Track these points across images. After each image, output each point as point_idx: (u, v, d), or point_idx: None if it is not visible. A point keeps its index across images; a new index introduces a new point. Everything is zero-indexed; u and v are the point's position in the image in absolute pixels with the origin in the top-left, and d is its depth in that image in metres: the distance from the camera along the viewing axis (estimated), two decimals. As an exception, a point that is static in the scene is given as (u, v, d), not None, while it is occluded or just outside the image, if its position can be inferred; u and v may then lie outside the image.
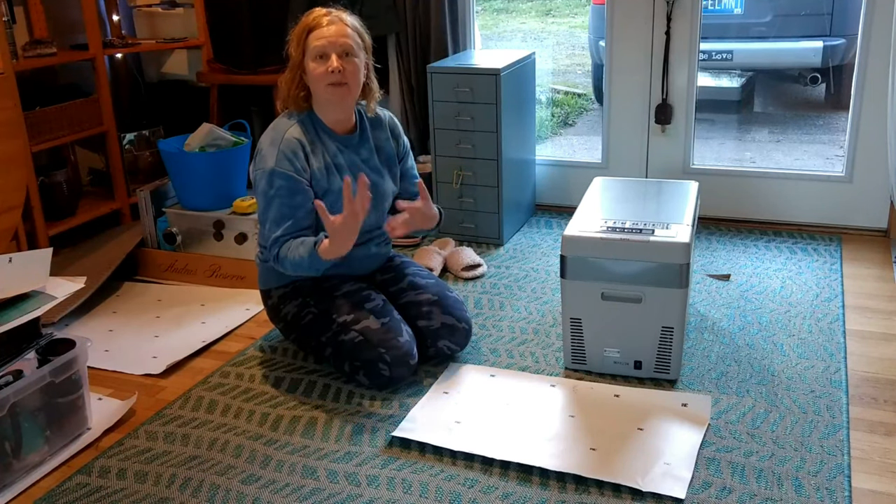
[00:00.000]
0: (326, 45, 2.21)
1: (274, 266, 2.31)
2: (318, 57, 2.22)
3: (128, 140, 3.59)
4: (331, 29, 2.22)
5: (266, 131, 2.34)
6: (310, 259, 2.18)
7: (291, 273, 2.27)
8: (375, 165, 2.41)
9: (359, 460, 2.02)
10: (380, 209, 2.42)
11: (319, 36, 2.22)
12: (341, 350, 2.29)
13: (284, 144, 2.25)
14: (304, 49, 2.24)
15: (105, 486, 1.96)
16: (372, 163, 2.40)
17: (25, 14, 3.34)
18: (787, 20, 4.61)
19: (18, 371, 2.02)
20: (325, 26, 2.22)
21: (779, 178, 3.39)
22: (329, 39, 2.21)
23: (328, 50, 2.21)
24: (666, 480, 1.87)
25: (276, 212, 2.25)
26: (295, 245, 2.22)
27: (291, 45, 2.27)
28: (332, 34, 2.22)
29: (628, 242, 2.22)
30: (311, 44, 2.22)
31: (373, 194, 2.37)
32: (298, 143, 2.26)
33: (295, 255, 2.21)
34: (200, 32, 3.75)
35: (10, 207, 2.84)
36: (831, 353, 2.43)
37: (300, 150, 2.26)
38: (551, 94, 5.85)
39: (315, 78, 2.23)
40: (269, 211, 2.26)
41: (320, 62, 2.22)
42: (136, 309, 2.93)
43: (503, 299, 2.86)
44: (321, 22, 2.23)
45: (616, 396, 2.23)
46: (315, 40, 2.22)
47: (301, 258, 2.20)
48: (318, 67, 2.22)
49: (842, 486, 1.86)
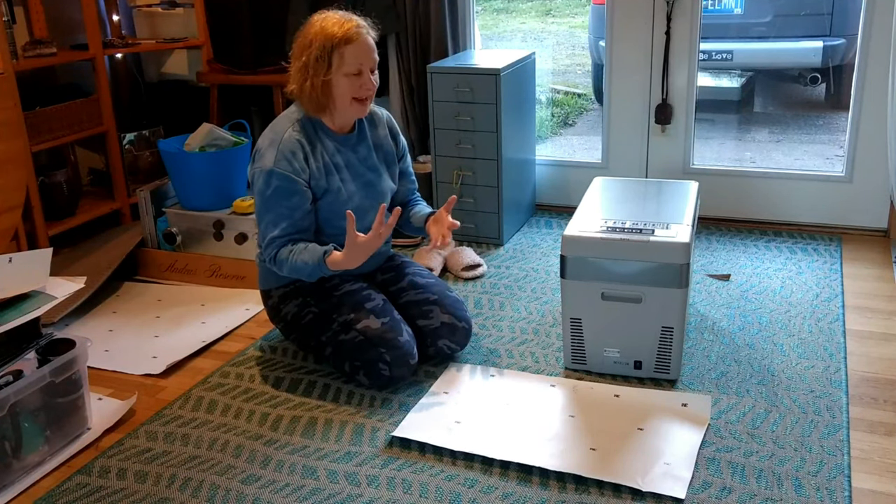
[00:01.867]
0: (363, 62, 2.22)
1: (269, 267, 2.31)
2: (352, 73, 2.21)
3: (128, 140, 3.59)
4: (363, 46, 2.21)
5: (265, 131, 2.34)
6: (315, 267, 2.19)
7: (287, 275, 2.28)
8: (374, 164, 2.41)
9: (359, 460, 2.02)
10: (377, 201, 2.42)
11: (356, 53, 2.20)
12: (342, 350, 2.29)
13: (284, 144, 2.24)
14: (332, 60, 2.20)
15: (105, 486, 1.96)
16: (370, 161, 2.41)
17: (25, 14, 3.34)
18: (787, 20, 4.61)
19: (18, 371, 2.02)
20: (357, 41, 2.19)
21: (779, 178, 3.39)
22: (365, 55, 2.21)
23: (363, 67, 2.22)
24: (666, 480, 1.87)
25: (273, 212, 2.25)
26: (298, 250, 2.22)
27: (312, 52, 2.20)
28: (366, 51, 2.21)
29: (628, 242, 2.22)
30: (347, 59, 2.19)
31: (371, 193, 2.39)
32: (298, 144, 2.26)
33: (297, 260, 2.21)
34: (200, 32, 3.75)
35: (10, 207, 2.84)
36: (831, 353, 2.43)
37: (300, 150, 2.25)
38: (551, 94, 5.85)
39: (344, 91, 2.23)
40: (266, 211, 2.26)
41: (353, 78, 2.21)
42: (136, 309, 2.93)
43: (503, 299, 2.86)
44: (352, 37, 2.19)
45: (616, 396, 2.23)
46: (351, 56, 2.19)
47: (304, 264, 2.20)
48: (352, 83, 2.22)
49: (842, 486, 1.86)
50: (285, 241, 2.25)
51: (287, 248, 2.24)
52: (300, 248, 2.22)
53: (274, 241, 2.25)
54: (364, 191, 2.37)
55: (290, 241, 2.25)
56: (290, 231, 2.25)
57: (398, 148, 2.51)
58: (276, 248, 2.25)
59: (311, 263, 2.19)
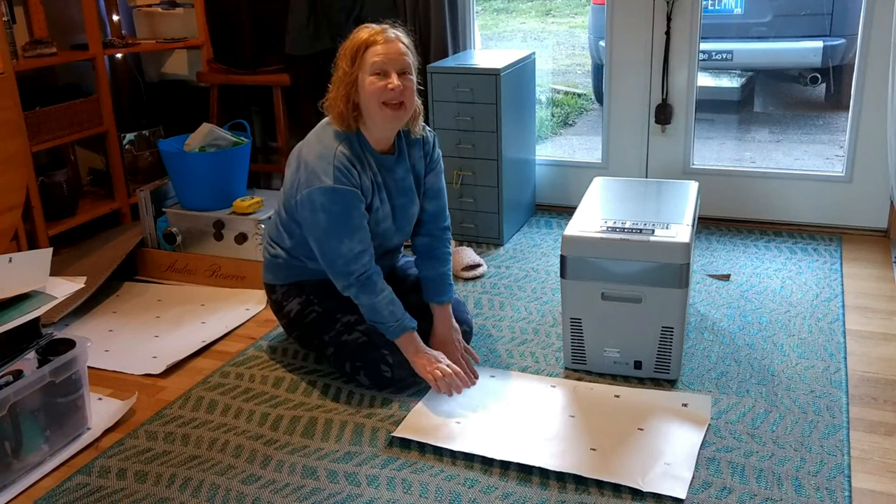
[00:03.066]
0: (386, 62, 2.14)
1: (351, 286, 2.21)
2: (375, 72, 2.14)
3: (128, 140, 3.59)
4: (389, 46, 2.15)
5: (308, 144, 2.25)
6: (386, 328, 2.21)
7: (358, 302, 2.22)
8: (408, 186, 2.34)
9: (359, 460, 2.02)
10: (404, 231, 2.41)
11: (378, 52, 2.14)
12: (344, 350, 2.29)
13: (338, 160, 2.16)
14: (358, 64, 2.16)
15: (105, 486, 1.96)
16: (406, 183, 2.33)
17: (25, 14, 3.34)
18: (787, 20, 4.60)
19: (18, 371, 2.02)
20: (383, 43, 2.15)
21: (779, 178, 3.39)
22: (389, 56, 2.14)
23: (387, 67, 2.14)
24: (666, 480, 1.87)
25: (347, 227, 2.16)
26: (388, 295, 2.20)
27: (342, 60, 2.19)
28: (392, 51, 2.15)
29: (628, 242, 2.22)
30: (369, 59, 2.14)
31: (400, 216, 2.34)
32: (349, 161, 2.17)
33: (383, 304, 2.19)
34: (200, 32, 3.75)
35: (10, 207, 2.84)
36: (831, 353, 2.43)
37: (353, 166, 2.18)
38: (551, 94, 5.85)
39: (370, 94, 2.14)
40: (339, 227, 2.16)
41: (378, 78, 2.14)
42: (136, 309, 2.93)
43: (503, 299, 2.86)
44: (378, 39, 2.15)
45: (616, 397, 2.23)
46: (373, 56, 2.14)
47: (391, 314, 2.19)
48: (377, 82, 2.14)
49: (842, 486, 1.86)
50: (371, 259, 2.19)
51: (378, 276, 2.20)
52: (389, 295, 2.20)
53: (362, 255, 2.18)
54: (394, 213, 2.32)
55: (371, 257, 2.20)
56: (369, 243, 2.20)
57: (427, 162, 2.40)
58: (367, 266, 2.19)
59: (388, 323, 2.20)
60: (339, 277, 2.21)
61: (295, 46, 3.52)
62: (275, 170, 3.94)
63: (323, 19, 3.50)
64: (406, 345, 2.23)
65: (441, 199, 2.45)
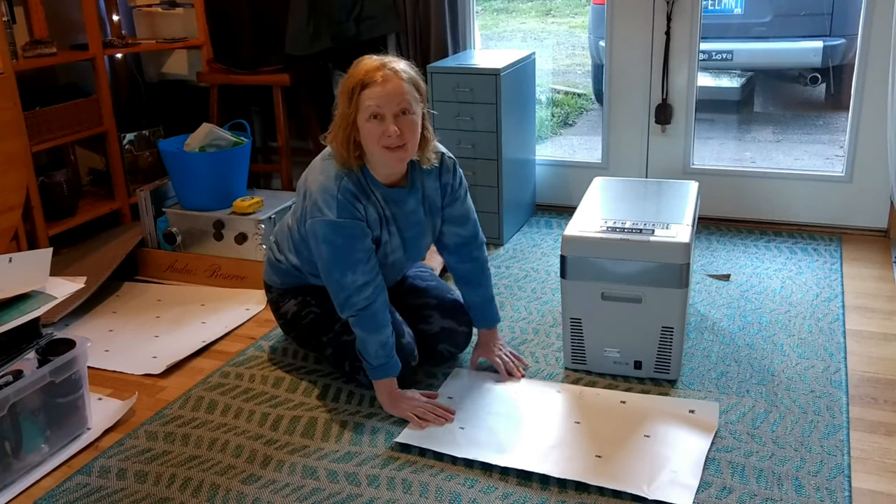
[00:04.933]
0: (382, 106, 2.03)
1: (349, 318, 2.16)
2: (371, 117, 2.04)
3: (128, 140, 3.59)
4: (386, 87, 2.02)
5: (313, 172, 2.19)
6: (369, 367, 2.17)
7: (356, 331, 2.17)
8: (419, 219, 2.26)
9: (359, 460, 2.02)
10: (416, 260, 2.39)
11: (373, 95, 2.03)
12: (344, 350, 2.29)
13: (342, 193, 2.09)
14: (355, 105, 2.06)
15: (105, 486, 1.96)
16: (417, 216, 2.25)
17: (25, 14, 3.34)
18: (787, 20, 4.60)
19: (18, 371, 2.02)
20: (380, 83, 2.03)
21: (779, 178, 3.39)
22: (385, 98, 2.02)
23: (384, 110, 2.03)
24: (672, 488, 1.85)
25: (349, 258, 2.11)
26: (382, 338, 2.15)
27: (341, 100, 2.09)
28: (388, 92, 2.02)
29: (628, 242, 2.22)
30: (365, 102, 2.03)
31: (409, 248, 2.29)
32: (352, 194, 2.11)
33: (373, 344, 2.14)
34: (200, 32, 3.75)
35: (10, 207, 2.84)
36: (831, 353, 2.43)
37: (357, 200, 2.11)
38: (551, 94, 5.85)
39: (369, 139, 2.06)
40: (341, 258, 2.11)
41: (375, 123, 2.04)
42: (136, 309, 2.93)
43: (503, 299, 2.86)
44: (375, 78, 2.03)
45: (622, 403, 2.21)
46: (368, 99, 2.03)
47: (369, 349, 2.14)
48: (374, 129, 2.04)
49: (842, 486, 1.86)
50: (375, 290, 2.14)
51: (382, 314, 2.15)
52: (388, 333, 2.15)
53: (365, 287, 2.12)
54: (403, 246, 2.27)
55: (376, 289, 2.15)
56: (374, 275, 2.14)
57: (447, 193, 2.30)
58: (371, 299, 2.12)
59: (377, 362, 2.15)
60: (342, 309, 2.16)
61: (295, 46, 3.52)
62: (275, 170, 3.94)
63: (323, 19, 3.50)
64: (381, 390, 2.20)
65: (470, 222, 2.36)
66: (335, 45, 3.54)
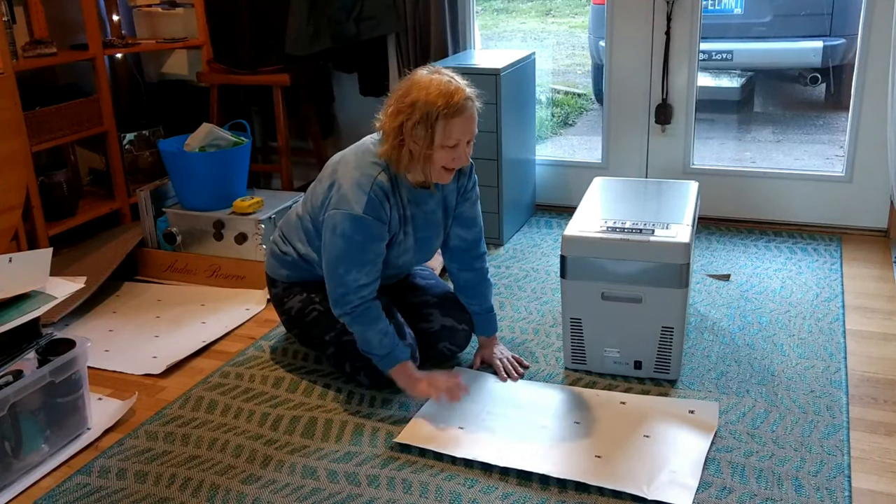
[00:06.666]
0: (461, 137, 2.09)
1: (339, 317, 2.19)
2: (448, 146, 2.09)
3: (128, 140, 3.59)
4: (465, 118, 2.07)
5: (346, 165, 2.19)
6: (378, 359, 2.18)
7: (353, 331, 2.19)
8: (437, 220, 2.30)
9: (359, 460, 2.02)
10: (422, 261, 2.40)
11: (456, 127, 2.07)
12: (345, 350, 2.29)
13: (374, 191, 2.11)
14: (431, 130, 2.06)
15: (105, 486, 1.96)
16: (435, 217, 2.29)
17: (25, 14, 3.34)
18: (787, 20, 4.61)
19: (18, 371, 2.02)
20: (462, 116, 2.06)
21: (779, 178, 3.39)
22: (464, 131, 2.09)
23: (462, 140, 2.10)
24: (672, 488, 1.85)
25: (359, 258, 2.13)
26: (382, 327, 2.16)
27: (413, 116, 2.06)
28: (467, 124, 2.09)
29: (628, 242, 2.22)
30: (444, 131, 2.06)
31: (422, 248, 2.31)
32: (384, 193, 2.13)
33: (374, 335, 2.15)
34: (200, 32, 3.75)
35: (10, 207, 2.84)
36: (831, 353, 2.43)
37: (386, 200, 2.13)
38: (551, 94, 5.85)
39: (438, 161, 2.11)
40: (351, 256, 2.13)
41: (449, 150, 2.09)
42: (136, 309, 2.93)
43: (503, 299, 2.86)
44: (459, 109, 2.06)
45: (622, 403, 2.21)
46: (451, 128, 2.06)
47: (372, 341, 2.15)
48: (446, 155, 2.10)
49: (842, 486, 1.86)
50: (372, 292, 2.16)
51: (376, 308, 2.17)
52: (384, 325, 2.16)
53: (364, 287, 2.14)
54: (417, 245, 2.29)
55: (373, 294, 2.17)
56: (376, 277, 2.17)
57: (460, 194, 2.33)
58: (366, 298, 2.15)
59: (380, 354, 2.16)
60: (335, 304, 2.18)
61: (295, 46, 3.52)
62: (275, 170, 3.94)
63: (323, 19, 3.50)
64: (399, 376, 2.20)
65: (476, 227, 2.39)
66: (335, 45, 3.55)
